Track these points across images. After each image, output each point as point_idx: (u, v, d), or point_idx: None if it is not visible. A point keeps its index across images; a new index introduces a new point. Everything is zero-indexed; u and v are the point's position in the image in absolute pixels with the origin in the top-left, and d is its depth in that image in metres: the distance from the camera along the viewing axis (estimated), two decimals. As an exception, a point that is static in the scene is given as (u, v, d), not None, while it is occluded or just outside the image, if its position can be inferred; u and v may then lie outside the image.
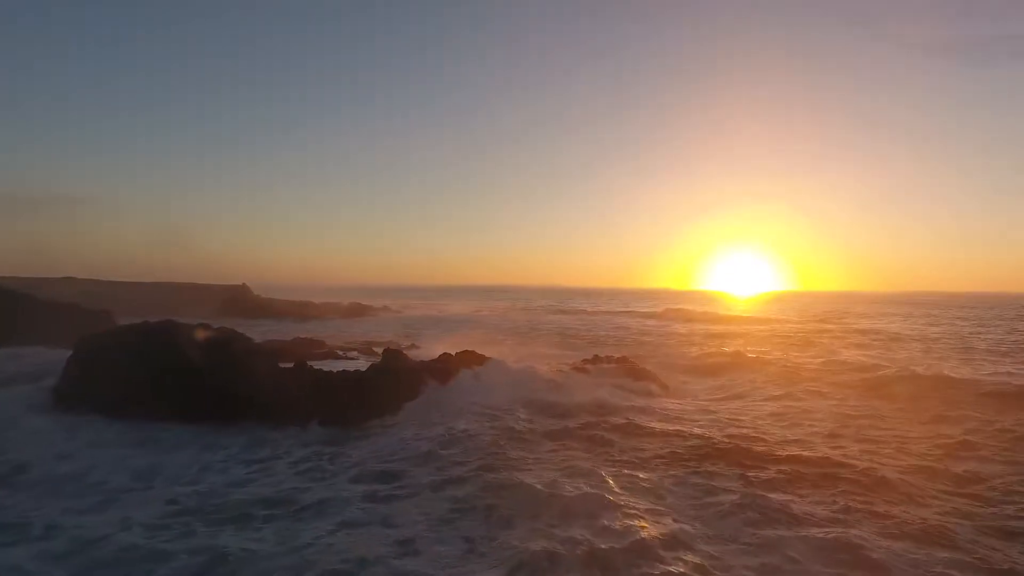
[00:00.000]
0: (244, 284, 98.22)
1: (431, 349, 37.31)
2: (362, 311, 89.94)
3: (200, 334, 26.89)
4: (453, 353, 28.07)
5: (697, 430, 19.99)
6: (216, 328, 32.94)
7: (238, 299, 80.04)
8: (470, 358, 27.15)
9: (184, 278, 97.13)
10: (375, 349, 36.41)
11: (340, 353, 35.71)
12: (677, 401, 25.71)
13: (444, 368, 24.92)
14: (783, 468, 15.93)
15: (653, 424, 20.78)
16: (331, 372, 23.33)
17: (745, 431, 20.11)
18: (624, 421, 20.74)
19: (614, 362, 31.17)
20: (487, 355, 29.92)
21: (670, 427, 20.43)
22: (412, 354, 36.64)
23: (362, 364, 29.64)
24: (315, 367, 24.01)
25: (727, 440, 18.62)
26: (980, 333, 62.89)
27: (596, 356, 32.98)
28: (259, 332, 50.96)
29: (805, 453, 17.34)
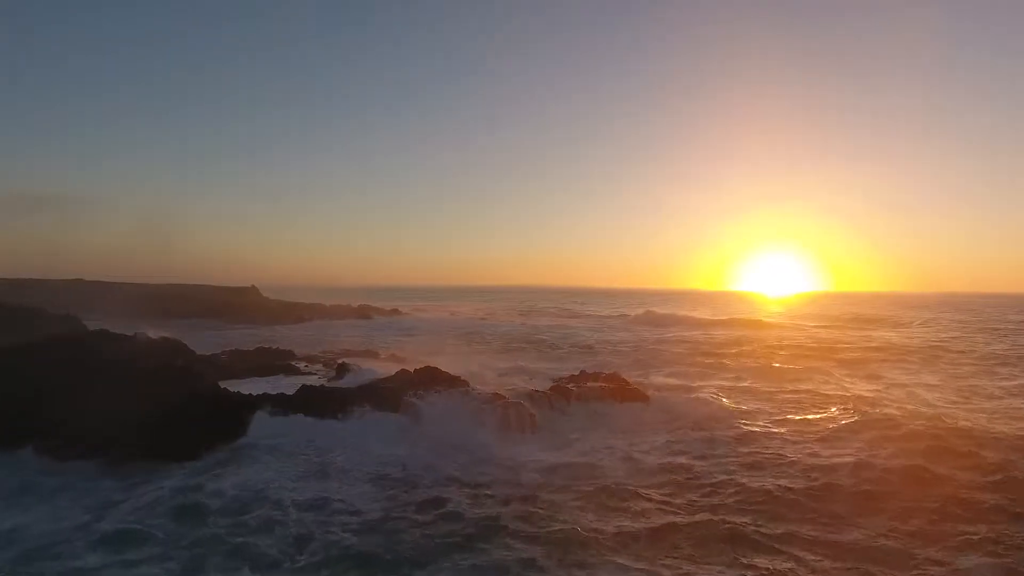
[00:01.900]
0: (253, 286, 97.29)
1: (408, 359, 34.07)
2: (368, 313, 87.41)
3: (121, 347, 23.86)
4: (412, 370, 24.64)
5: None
6: (158, 338, 30.11)
7: (235, 301, 78.17)
8: (427, 377, 23.49)
9: (198, 280, 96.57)
10: (341, 360, 33.02)
11: (304, 366, 32.43)
12: (670, 439, 20.83)
13: (386, 391, 21.30)
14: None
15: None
16: (248, 396, 19.91)
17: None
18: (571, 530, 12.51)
19: (601, 379, 27.16)
20: (460, 367, 26.46)
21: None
22: (382, 365, 33.35)
23: (314, 380, 26.32)
24: (232, 389, 20.66)
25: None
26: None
27: (583, 372, 29.19)
28: (243, 337, 48.40)
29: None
